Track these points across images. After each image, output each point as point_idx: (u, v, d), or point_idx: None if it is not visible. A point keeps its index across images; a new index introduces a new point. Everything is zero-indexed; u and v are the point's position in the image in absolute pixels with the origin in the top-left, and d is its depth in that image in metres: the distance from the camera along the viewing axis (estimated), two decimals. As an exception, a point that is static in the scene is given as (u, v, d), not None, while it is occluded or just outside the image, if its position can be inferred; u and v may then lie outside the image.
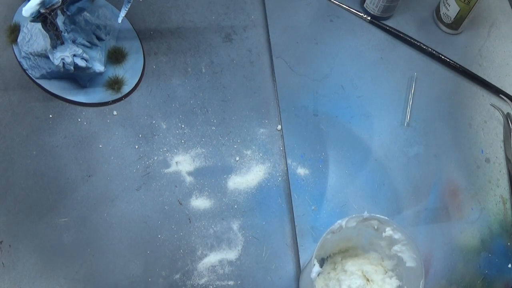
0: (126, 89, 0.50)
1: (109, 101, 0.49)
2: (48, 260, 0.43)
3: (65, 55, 0.43)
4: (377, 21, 0.58)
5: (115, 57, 0.51)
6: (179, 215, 0.46)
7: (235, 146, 0.50)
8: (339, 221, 0.37)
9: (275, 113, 0.52)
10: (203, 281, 0.44)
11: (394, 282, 0.40)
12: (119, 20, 0.46)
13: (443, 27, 0.59)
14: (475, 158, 0.53)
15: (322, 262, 0.43)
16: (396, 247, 0.39)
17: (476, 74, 0.57)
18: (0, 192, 0.44)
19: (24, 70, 0.49)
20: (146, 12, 0.55)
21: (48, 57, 0.45)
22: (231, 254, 0.45)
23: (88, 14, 0.48)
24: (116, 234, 0.45)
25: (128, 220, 0.45)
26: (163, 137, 0.49)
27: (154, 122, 0.49)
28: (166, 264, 0.44)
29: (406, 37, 0.57)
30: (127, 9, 0.46)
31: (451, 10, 0.57)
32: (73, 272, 0.43)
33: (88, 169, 0.46)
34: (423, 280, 0.36)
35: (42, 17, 0.40)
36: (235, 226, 0.46)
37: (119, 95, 0.50)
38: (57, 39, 0.43)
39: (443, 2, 0.58)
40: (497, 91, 0.57)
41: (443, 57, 0.57)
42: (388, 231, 0.38)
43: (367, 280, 0.41)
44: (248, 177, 0.49)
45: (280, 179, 0.49)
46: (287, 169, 0.49)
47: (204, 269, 0.44)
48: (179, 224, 0.46)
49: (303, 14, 0.58)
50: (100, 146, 0.47)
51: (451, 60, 0.57)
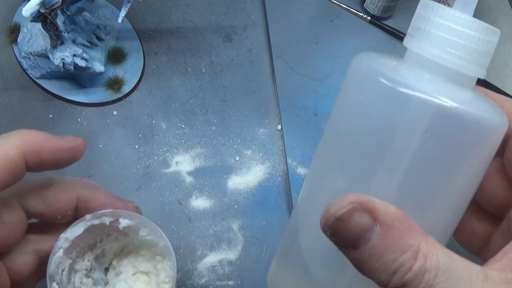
0: (126, 89, 0.50)
1: (109, 101, 0.49)
2: (48, 260, 0.43)
3: (65, 55, 0.43)
4: (377, 21, 0.58)
5: (115, 57, 0.51)
6: (179, 215, 0.46)
7: (235, 146, 0.50)
8: (62, 235, 0.32)
9: (275, 113, 0.52)
10: (203, 281, 0.44)
11: (166, 265, 0.36)
12: (119, 20, 0.46)
13: (443, 27, 0.59)
14: (475, 158, 0.53)
15: (106, 272, 0.38)
16: (141, 232, 0.35)
17: (476, 74, 0.57)
18: (0, 192, 0.44)
19: (24, 70, 0.49)
20: (146, 12, 0.55)
21: (48, 57, 0.45)
22: (231, 254, 0.45)
23: (88, 14, 0.48)
24: (116, 234, 0.45)
25: (128, 220, 0.45)
26: (163, 137, 0.49)
27: (154, 122, 0.49)
28: (166, 264, 0.44)
29: (406, 37, 0.57)
30: (127, 9, 0.46)
31: (451, 10, 0.57)
32: (73, 272, 0.43)
33: (88, 169, 0.46)
34: (174, 256, 0.34)
35: (42, 17, 0.40)
36: (235, 226, 0.46)
37: (119, 95, 0.50)
38: (57, 39, 0.43)
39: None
40: (497, 91, 0.57)
41: (443, 57, 0.57)
42: (122, 221, 0.34)
43: (146, 274, 0.38)
44: (248, 177, 0.49)
45: (280, 179, 0.49)
46: (287, 169, 0.49)
47: (204, 269, 0.44)
48: (179, 224, 0.46)
49: (303, 14, 0.58)
50: (100, 146, 0.47)
51: (451, 60, 0.57)
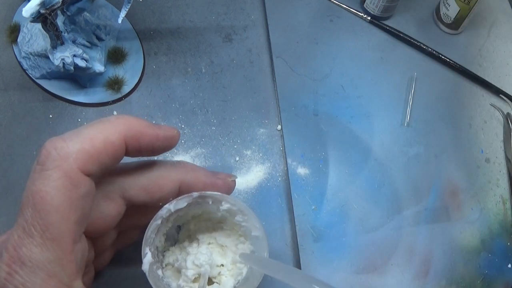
0: (126, 89, 0.50)
1: (109, 101, 0.49)
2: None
3: (65, 56, 0.43)
4: (377, 21, 0.58)
5: (115, 57, 0.51)
6: (179, 215, 0.46)
7: (235, 146, 0.50)
8: (167, 206, 0.34)
9: (275, 113, 0.52)
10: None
11: (247, 248, 0.37)
12: (119, 21, 0.46)
13: (443, 27, 0.59)
14: (475, 158, 0.53)
15: (178, 230, 0.40)
16: (238, 217, 0.36)
17: (476, 74, 0.57)
18: (1, 193, 0.44)
19: (24, 70, 0.49)
20: (146, 12, 0.55)
21: (48, 57, 0.45)
22: (231, 254, 0.45)
23: (88, 14, 0.48)
24: (116, 234, 0.45)
25: (128, 220, 0.45)
26: (163, 137, 0.49)
27: (154, 122, 0.49)
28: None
29: (406, 37, 0.57)
30: (127, 9, 0.46)
31: (451, 10, 0.57)
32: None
33: (88, 169, 0.46)
34: (267, 253, 0.35)
35: (42, 18, 0.40)
36: (235, 226, 0.46)
37: (119, 95, 0.50)
38: (57, 39, 0.43)
39: (443, 2, 0.58)
40: (497, 91, 0.57)
41: (443, 57, 0.57)
42: (225, 205, 0.35)
43: (221, 247, 0.38)
44: (248, 177, 0.49)
45: (280, 179, 0.49)
46: (287, 169, 0.49)
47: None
48: (179, 224, 0.46)
49: (303, 14, 0.58)
50: (100, 146, 0.47)
51: (451, 60, 0.57)
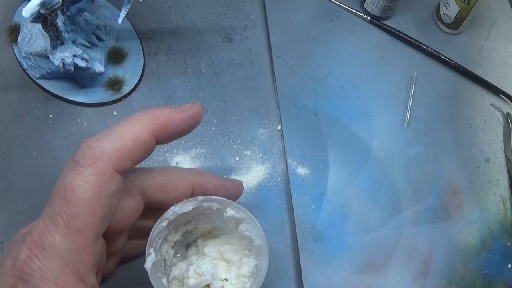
0: (126, 89, 0.50)
1: (109, 101, 0.49)
2: (49, 260, 0.43)
3: (65, 56, 0.43)
4: (377, 21, 0.58)
5: (115, 57, 0.51)
6: (179, 215, 0.46)
7: (235, 146, 0.50)
8: (172, 208, 0.35)
9: (275, 113, 0.52)
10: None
11: (252, 262, 0.38)
12: (119, 21, 0.46)
13: (443, 27, 0.59)
14: (475, 158, 0.53)
15: (187, 247, 0.41)
16: (242, 226, 0.37)
17: (476, 74, 0.57)
18: (0, 193, 0.44)
19: (24, 70, 0.49)
20: (146, 12, 0.55)
21: (48, 57, 0.45)
22: (231, 254, 0.45)
23: (88, 14, 0.48)
24: (116, 234, 0.45)
25: (128, 220, 0.45)
26: (163, 137, 0.49)
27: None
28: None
29: (406, 37, 0.57)
30: (127, 10, 0.46)
31: (451, 10, 0.57)
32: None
33: (88, 169, 0.46)
34: (267, 260, 0.35)
35: (42, 18, 0.40)
36: (235, 226, 0.46)
37: (119, 95, 0.50)
38: (57, 40, 0.43)
39: (443, 2, 0.58)
40: (497, 91, 0.57)
41: (443, 57, 0.57)
42: (229, 211, 0.36)
43: (227, 262, 0.39)
44: (248, 177, 0.49)
45: (280, 179, 0.49)
46: (287, 169, 0.49)
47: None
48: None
49: (303, 14, 0.58)
50: (100, 146, 0.47)
51: (451, 60, 0.57)
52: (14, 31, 0.49)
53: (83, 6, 0.44)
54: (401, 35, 0.58)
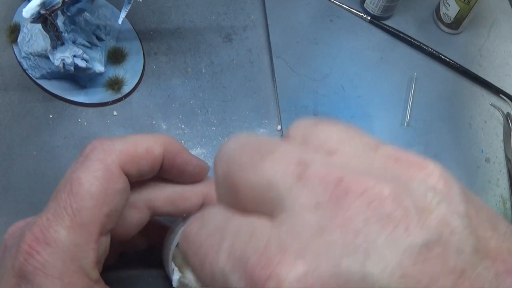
0: (126, 89, 0.50)
1: (109, 101, 0.49)
2: (49, 261, 0.43)
3: (65, 56, 0.43)
4: (377, 21, 0.58)
5: (115, 57, 0.51)
6: (179, 215, 0.46)
7: (235, 146, 0.50)
8: (183, 228, 0.35)
9: (275, 113, 0.52)
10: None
11: None
12: (119, 21, 0.46)
13: (443, 27, 0.59)
14: (475, 158, 0.53)
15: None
16: None
17: (476, 74, 0.57)
18: (0, 193, 0.44)
19: (24, 70, 0.49)
20: (146, 12, 0.55)
21: (48, 58, 0.45)
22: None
23: (88, 15, 0.48)
24: (117, 234, 0.45)
25: (129, 220, 0.45)
26: (163, 137, 0.49)
27: (154, 123, 0.50)
28: (167, 264, 0.44)
29: (406, 37, 0.57)
30: (128, 10, 0.46)
31: (451, 10, 0.57)
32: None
33: (88, 170, 0.46)
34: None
35: (43, 18, 0.40)
36: (235, 226, 0.46)
37: (119, 95, 0.50)
38: (57, 40, 0.43)
39: (443, 2, 0.58)
40: (497, 91, 0.57)
41: (443, 57, 0.57)
42: None
43: None
44: (248, 177, 0.48)
45: (280, 179, 0.49)
46: (287, 169, 0.49)
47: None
48: (179, 224, 0.46)
49: (303, 14, 0.58)
50: (100, 147, 0.47)
51: (451, 60, 0.57)
52: (14, 31, 0.49)
53: (83, 6, 0.44)
54: (401, 35, 0.58)
